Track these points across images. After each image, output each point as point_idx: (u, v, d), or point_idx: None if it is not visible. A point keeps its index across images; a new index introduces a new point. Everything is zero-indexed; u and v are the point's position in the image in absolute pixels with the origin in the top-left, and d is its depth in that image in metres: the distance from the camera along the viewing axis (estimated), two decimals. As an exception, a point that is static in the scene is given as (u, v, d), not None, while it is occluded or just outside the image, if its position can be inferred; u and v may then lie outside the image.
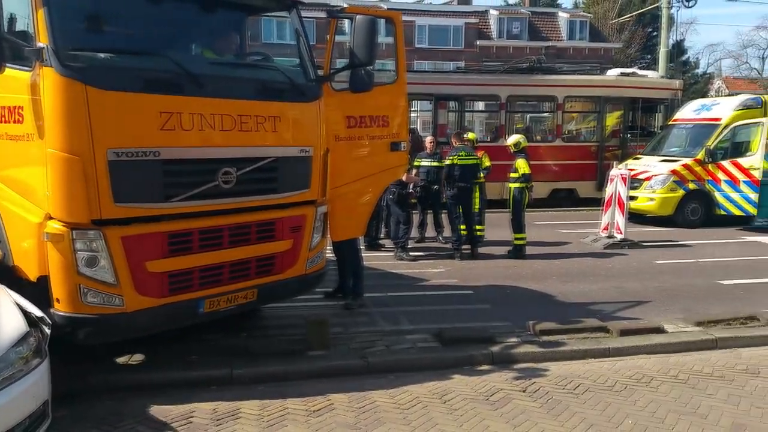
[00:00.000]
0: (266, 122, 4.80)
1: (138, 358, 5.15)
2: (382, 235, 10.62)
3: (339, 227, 6.03)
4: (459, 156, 9.53)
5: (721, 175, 12.85)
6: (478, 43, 39.10)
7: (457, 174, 9.50)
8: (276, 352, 5.28)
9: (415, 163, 10.04)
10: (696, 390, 4.82)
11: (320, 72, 5.51)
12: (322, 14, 5.78)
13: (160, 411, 4.33)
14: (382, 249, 10.17)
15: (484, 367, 5.28)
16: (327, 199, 5.57)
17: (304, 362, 5.15)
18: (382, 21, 5.94)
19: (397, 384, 4.88)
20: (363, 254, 7.20)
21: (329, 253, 6.38)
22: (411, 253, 9.56)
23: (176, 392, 4.62)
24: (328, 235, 5.92)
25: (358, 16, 5.27)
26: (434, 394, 4.71)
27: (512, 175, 9.89)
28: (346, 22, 5.73)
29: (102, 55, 4.17)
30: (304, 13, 5.47)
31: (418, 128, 17.16)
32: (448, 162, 9.62)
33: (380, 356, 5.34)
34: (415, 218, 10.58)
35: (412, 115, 16.40)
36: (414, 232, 10.45)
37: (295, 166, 5.11)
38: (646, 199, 13.15)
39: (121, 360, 5.10)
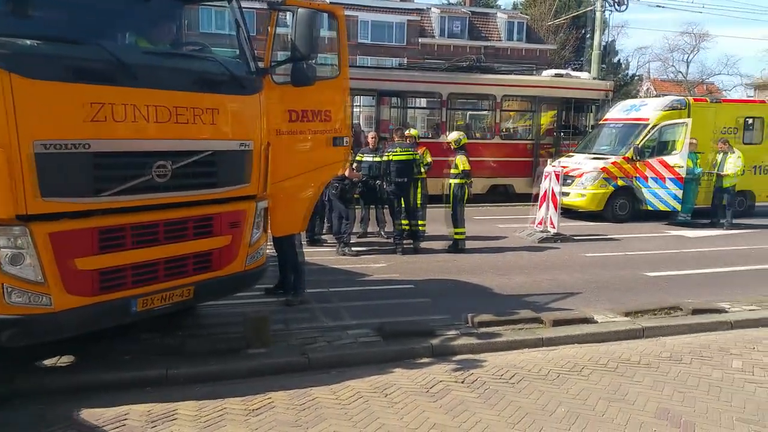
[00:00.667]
0: (204, 114, 4.68)
1: (67, 359, 4.95)
2: (323, 231, 10.60)
3: (280, 222, 5.97)
4: (394, 152, 9.65)
5: (648, 173, 13.44)
6: (419, 40, 39.40)
7: (393, 170, 9.60)
8: (214, 351, 5.18)
9: (357, 158, 10.07)
10: (624, 377, 5.04)
11: (261, 64, 5.43)
12: (262, 5, 5.69)
13: (91, 414, 4.17)
14: (324, 244, 10.15)
15: (425, 360, 5.36)
16: (268, 194, 5.51)
17: (243, 361, 5.08)
18: (325, 15, 5.90)
19: (338, 379, 4.89)
20: (304, 250, 7.15)
21: (269, 249, 6.31)
22: (353, 249, 9.59)
23: (108, 394, 4.47)
24: (269, 231, 5.86)
25: (299, 9, 5.21)
26: (375, 388, 4.74)
27: (452, 171, 10.06)
28: (288, 14, 5.67)
29: (28, 42, 3.95)
30: (243, 4, 5.36)
31: (361, 124, 17.14)
32: (385, 158, 9.72)
33: (321, 352, 5.32)
34: (357, 213, 10.60)
35: (355, 110, 16.38)
36: (356, 227, 10.47)
37: (234, 160, 5.02)
38: (578, 195, 13.63)
39: (49, 362, 4.89)
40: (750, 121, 15.19)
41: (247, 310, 5.93)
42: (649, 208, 13.52)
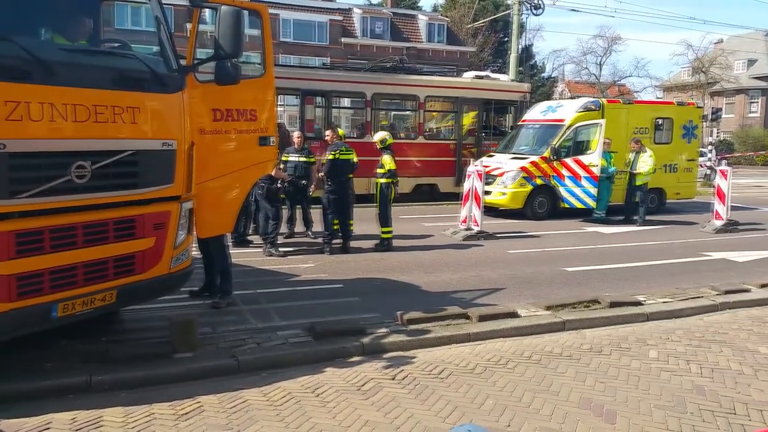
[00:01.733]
0: (124, 113, 4.51)
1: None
2: (250, 231, 10.42)
3: (206, 223, 5.83)
4: (340, 151, 9.64)
5: (564, 172, 14.01)
6: (342, 40, 39.44)
7: (338, 169, 9.61)
8: (139, 356, 4.99)
9: (283, 158, 9.96)
10: (548, 369, 5.23)
11: (183, 62, 5.28)
12: (182, 1, 5.55)
13: (10, 425, 3.94)
14: (251, 245, 9.99)
15: (356, 359, 5.38)
16: (193, 194, 5.37)
17: (169, 365, 4.93)
18: (248, 13, 5.81)
19: (269, 381, 4.84)
20: (231, 251, 7.01)
21: (195, 251, 6.15)
22: (280, 249, 9.47)
23: (29, 404, 4.24)
24: (194, 232, 5.71)
25: (223, 7, 5.12)
26: (307, 389, 4.72)
27: (379, 170, 10.14)
28: (209, 11, 5.55)
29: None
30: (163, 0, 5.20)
31: (285, 123, 16.97)
32: (330, 157, 9.66)
33: (251, 354, 5.24)
34: (284, 213, 10.48)
35: (279, 109, 16.20)
36: (283, 228, 10.35)
37: (157, 160, 4.86)
38: (499, 194, 14.03)
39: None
40: (660, 121, 16.10)
41: (173, 314, 5.74)
42: (567, 205, 14.10)
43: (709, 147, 31.03)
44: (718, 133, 46.03)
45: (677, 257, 10.20)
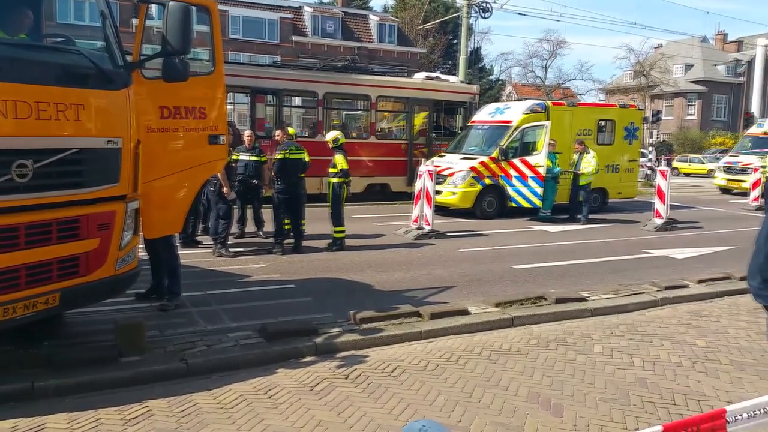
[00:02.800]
0: (68, 110, 4.36)
1: None
2: (199, 232, 10.23)
3: (153, 224, 5.70)
4: (290, 150, 9.56)
5: (512, 172, 14.31)
6: (293, 38, 39.13)
7: (288, 168, 9.52)
8: (85, 361, 4.83)
9: (234, 157, 9.81)
10: (497, 365, 5.34)
11: (129, 58, 5.15)
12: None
13: (-59, 438, 3.77)
14: (200, 246, 9.81)
15: (309, 359, 5.36)
16: (139, 194, 5.24)
17: (116, 369, 4.79)
18: (197, 8, 5.71)
19: (220, 384, 4.77)
20: (179, 252, 6.87)
21: (142, 252, 6.00)
22: (231, 249, 9.33)
23: (-34, 413, 4.05)
24: (141, 233, 5.57)
25: (170, 3, 5.01)
26: (259, 390, 4.68)
27: (331, 170, 10.12)
28: (155, 6, 5.43)
29: None
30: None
31: (235, 121, 16.74)
32: (279, 156, 9.57)
33: (201, 357, 5.16)
34: (235, 213, 10.33)
35: (229, 107, 15.94)
36: (234, 228, 10.20)
37: (101, 159, 4.73)
38: (450, 194, 14.21)
39: None
40: (603, 123, 16.62)
41: (120, 317, 5.59)
42: (514, 205, 14.39)
43: (650, 148, 32.26)
44: (658, 134, 47.89)
45: (620, 254, 10.54)
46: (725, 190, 23.02)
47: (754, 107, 27.96)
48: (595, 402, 4.60)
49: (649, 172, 25.90)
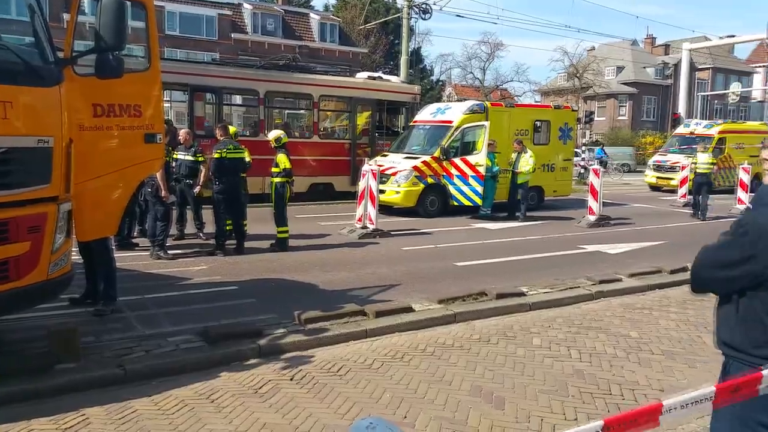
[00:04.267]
0: (-6, 108, 4.16)
1: None
2: (135, 234, 9.92)
3: (87, 226, 5.49)
4: (228, 149, 9.38)
5: (453, 171, 14.52)
6: (233, 35, 38.45)
7: (226, 168, 9.33)
8: (17, 369, 4.61)
9: (173, 156, 9.56)
10: (441, 360, 5.43)
11: (60, 54, 4.94)
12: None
13: None
14: (137, 248, 9.51)
15: (253, 361, 5.30)
16: (72, 195, 5.03)
17: (50, 378, 4.60)
18: (131, 3, 5.53)
19: (160, 389, 4.65)
20: (115, 254, 6.64)
21: (76, 255, 5.77)
22: (169, 252, 9.09)
23: None
24: (74, 235, 5.36)
25: (105, -3, 4.84)
26: (201, 395, 4.59)
27: (274, 169, 10.01)
28: (87, 0, 5.23)
29: None
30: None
31: (173, 120, 16.30)
32: (216, 155, 9.38)
33: (140, 362, 5.02)
34: (174, 214, 10.06)
35: (165, 105, 15.51)
36: (172, 229, 9.94)
37: (31, 158, 4.52)
38: (393, 193, 14.30)
39: None
40: (539, 124, 17.11)
41: (53, 323, 5.37)
42: (456, 203, 14.62)
43: (583, 148, 33.41)
44: (591, 134, 49.67)
45: (556, 250, 10.87)
46: (655, 188, 24.09)
47: (681, 108, 29.40)
48: (535, 394, 4.74)
49: (582, 170, 26.82)
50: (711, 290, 2.36)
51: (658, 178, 23.96)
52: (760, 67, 60.32)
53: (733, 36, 36.98)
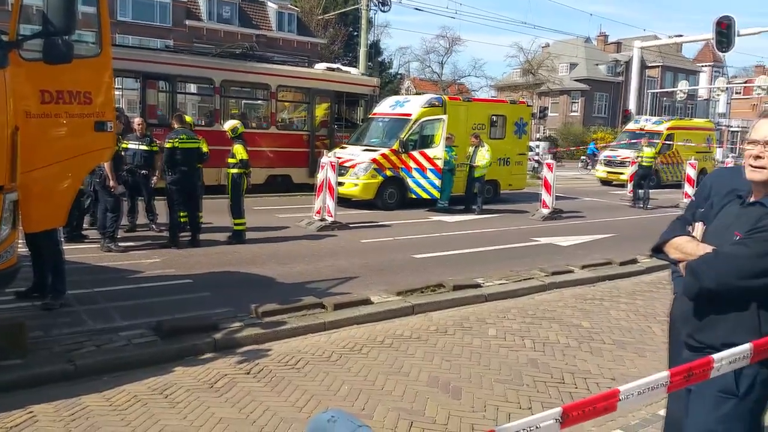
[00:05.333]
0: (-68, 92, 3.95)
1: None
2: (85, 225, 9.60)
3: (34, 217, 5.27)
4: (180, 139, 9.14)
5: (412, 164, 14.60)
6: (187, 22, 37.56)
7: (179, 158, 9.10)
8: (-44, 367, 4.44)
9: (123, 146, 9.28)
10: (399, 352, 5.45)
11: (5, 38, 4.73)
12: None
13: None
14: (86, 240, 9.22)
15: (208, 356, 5.21)
16: (18, 185, 4.83)
17: (-5, 374, 4.43)
18: (82, -13, 5.35)
19: (112, 385, 4.53)
20: (64, 247, 6.43)
21: (22, 247, 5.55)
22: (120, 244, 8.85)
23: None
24: (21, 227, 5.16)
25: (53, -22, 4.64)
26: (154, 390, 4.49)
27: (230, 160, 9.84)
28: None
29: None
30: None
31: (124, 108, 15.85)
32: (168, 145, 9.14)
33: (90, 357, 4.87)
34: (125, 205, 9.79)
35: (116, 93, 15.05)
36: (123, 221, 9.67)
37: (-27, 146, 4.32)
38: (352, 185, 14.27)
39: None
40: (495, 118, 17.33)
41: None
42: (414, 196, 14.71)
43: (537, 142, 34.01)
44: (544, 130, 50.60)
45: (511, 243, 11.05)
46: (605, 182, 24.75)
47: (632, 105, 30.20)
48: (491, 383, 4.81)
49: (536, 165, 27.32)
50: (734, 297, 2.30)
51: (608, 172, 24.61)
52: (705, 66, 62.60)
53: (682, 35, 38.19)
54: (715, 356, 1.94)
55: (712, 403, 2.31)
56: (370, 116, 17.17)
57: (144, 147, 9.75)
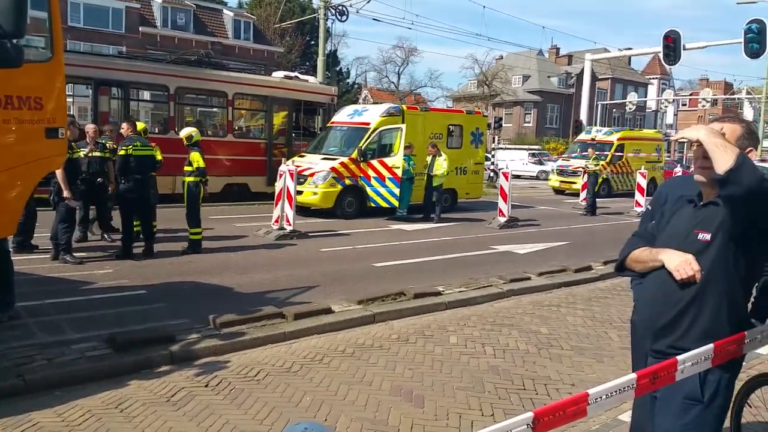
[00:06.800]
0: None
1: None
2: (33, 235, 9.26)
3: (-19, 226, 5.07)
4: (134, 146, 8.91)
5: (371, 173, 14.62)
6: (141, 29, 36.86)
7: (132, 166, 8.87)
8: None
9: (75, 155, 8.98)
10: (361, 361, 5.43)
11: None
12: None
13: None
14: (36, 250, 8.89)
15: (164, 368, 5.08)
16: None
17: (-62, 391, 4.22)
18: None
19: (64, 400, 4.37)
20: (13, 257, 6.17)
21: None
22: (74, 255, 8.55)
23: None
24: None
25: (2, -21, 4.48)
26: (109, 404, 4.35)
27: (187, 168, 9.66)
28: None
29: None
30: None
31: (75, 116, 15.37)
32: (122, 153, 8.89)
33: (41, 372, 4.69)
34: (78, 214, 9.47)
35: (68, 100, 14.60)
36: (76, 231, 9.35)
37: None
38: (311, 194, 14.19)
39: None
40: (452, 128, 17.52)
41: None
42: (373, 205, 14.72)
43: (492, 152, 34.58)
44: (499, 140, 51.46)
45: (469, 251, 11.16)
46: (558, 191, 25.32)
47: (583, 116, 30.99)
48: (453, 391, 4.83)
49: (491, 174, 27.76)
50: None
51: (561, 182, 25.20)
52: (654, 78, 64.88)
53: (631, 48, 39.46)
54: (679, 357, 2.00)
55: (678, 410, 2.36)
56: (328, 125, 17.13)
57: (98, 154, 9.48)
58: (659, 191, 2.87)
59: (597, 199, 18.40)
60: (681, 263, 2.36)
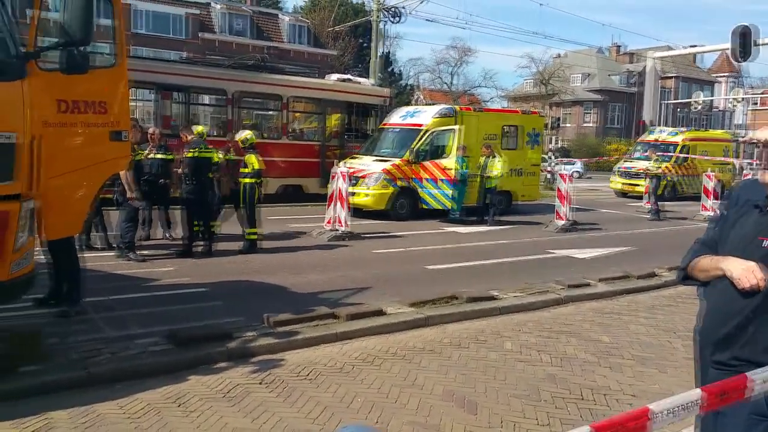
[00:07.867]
0: (-45, 102, 3.99)
1: None
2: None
3: (52, 224, 5.29)
4: (199, 149, 9.22)
5: (424, 174, 14.58)
6: (201, 35, 38.00)
7: (194, 168, 9.17)
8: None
9: (138, 157, 9.33)
10: (413, 364, 5.38)
11: (24, 49, 4.78)
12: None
13: None
14: (104, 249, 9.26)
15: (222, 365, 5.19)
16: (37, 192, 4.86)
17: (13, 380, 4.44)
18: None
19: (126, 393, 4.52)
20: (80, 254, 6.45)
21: (40, 255, 5.58)
22: (137, 253, 8.87)
23: None
24: (38, 234, 5.18)
25: (72, -9, 4.69)
26: (168, 398, 4.48)
27: (244, 170, 9.88)
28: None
29: None
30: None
31: (139, 119, 15.97)
32: (190, 155, 9.21)
33: (105, 365, 4.87)
34: (142, 215, 9.82)
35: (131, 104, 15.19)
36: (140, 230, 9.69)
37: (-7, 154, 4.35)
38: (363, 195, 14.26)
39: None
40: (507, 129, 17.27)
41: (16, 324, 5.19)
42: (426, 206, 14.67)
43: (550, 153, 33.87)
44: (558, 140, 50.43)
45: (525, 255, 10.95)
46: (621, 194, 24.52)
47: (646, 115, 29.98)
48: (507, 398, 4.73)
49: (549, 175, 27.16)
50: None
51: (624, 184, 24.37)
52: (722, 77, 62.20)
53: (696, 46, 37.99)
54: (749, 375, 1.87)
55: (744, 426, 2.24)
56: (381, 127, 17.17)
57: (160, 156, 9.81)
58: (730, 194, 2.73)
59: (660, 203, 17.66)
60: (743, 271, 2.22)
